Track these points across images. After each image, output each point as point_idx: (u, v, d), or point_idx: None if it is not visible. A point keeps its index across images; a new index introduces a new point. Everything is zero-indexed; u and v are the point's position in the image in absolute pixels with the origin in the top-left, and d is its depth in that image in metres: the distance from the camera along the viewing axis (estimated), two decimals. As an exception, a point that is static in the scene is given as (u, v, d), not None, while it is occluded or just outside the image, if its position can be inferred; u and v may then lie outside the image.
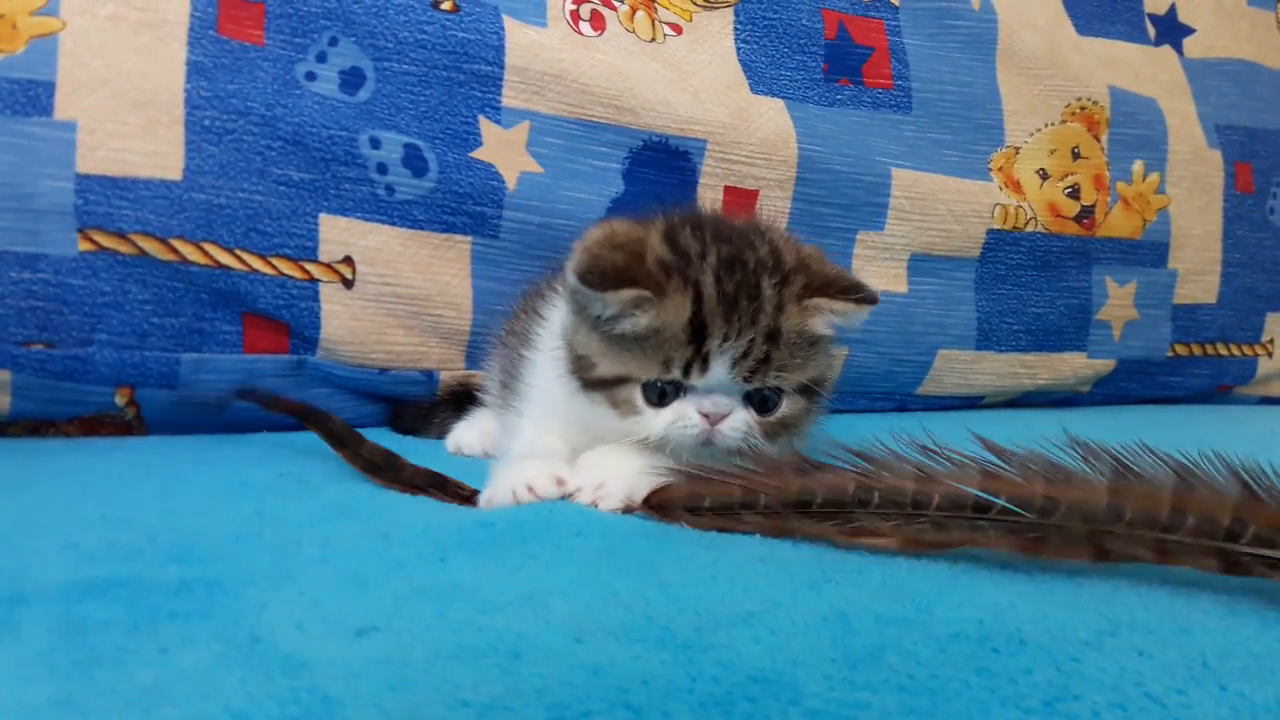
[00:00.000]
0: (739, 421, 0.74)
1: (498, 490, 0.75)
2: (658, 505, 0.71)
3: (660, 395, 0.74)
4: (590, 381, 0.76)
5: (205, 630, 0.48)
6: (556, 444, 0.81)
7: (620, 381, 0.75)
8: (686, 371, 0.72)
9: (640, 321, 0.72)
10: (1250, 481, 0.54)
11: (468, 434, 1.06)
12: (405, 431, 1.19)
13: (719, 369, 0.72)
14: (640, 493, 0.73)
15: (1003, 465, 0.60)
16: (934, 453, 0.63)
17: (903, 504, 0.61)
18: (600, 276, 0.71)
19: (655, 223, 0.79)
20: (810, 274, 0.75)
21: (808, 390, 0.76)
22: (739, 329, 0.72)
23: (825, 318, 0.75)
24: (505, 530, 0.66)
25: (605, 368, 0.75)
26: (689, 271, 0.73)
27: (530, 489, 0.74)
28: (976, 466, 0.61)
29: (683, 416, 0.74)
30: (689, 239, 0.76)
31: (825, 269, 0.77)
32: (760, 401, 0.75)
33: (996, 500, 0.59)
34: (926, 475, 0.62)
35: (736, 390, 0.74)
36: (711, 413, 0.73)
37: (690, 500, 0.70)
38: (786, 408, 0.76)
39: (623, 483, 0.73)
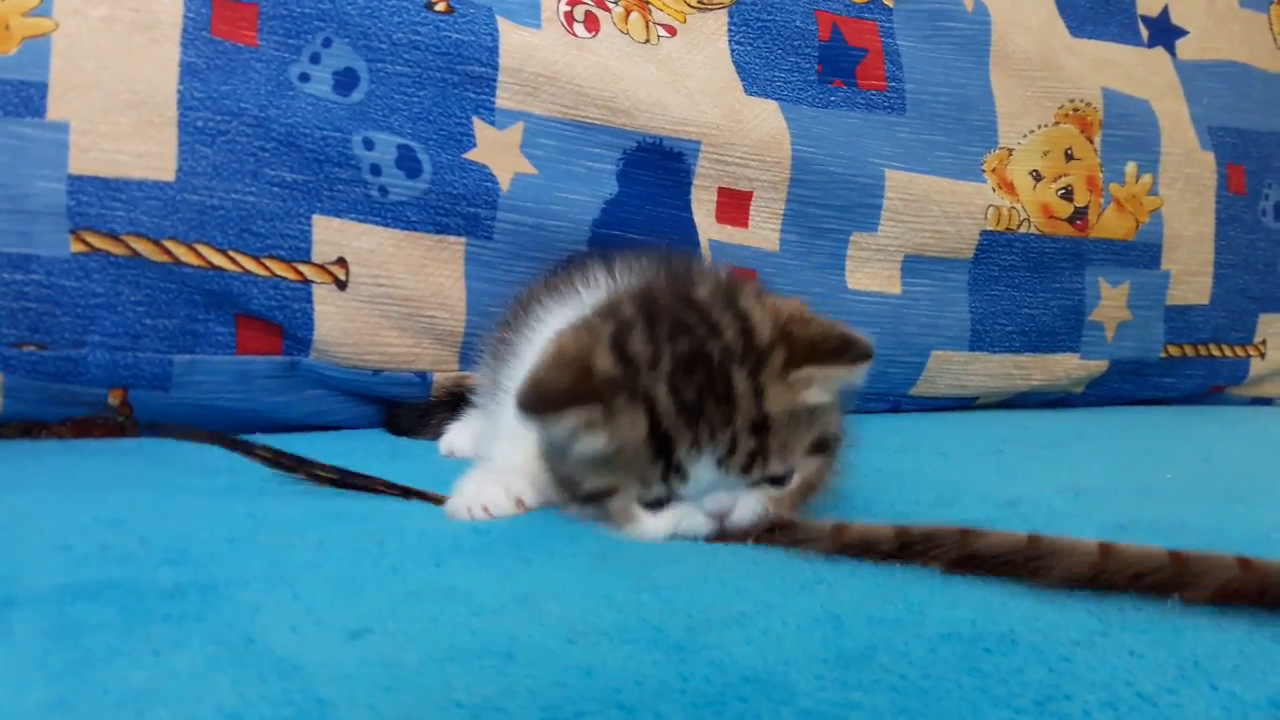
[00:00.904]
0: (747, 510, 0.68)
1: (456, 505, 0.73)
2: None
3: (657, 501, 0.68)
4: (581, 497, 0.70)
5: (198, 632, 0.48)
6: (533, 457, 0.76)
7: (610, 493, 0.68)
8: (666, 485, 0.66)
9: (596, 444, 0.66)
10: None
11: (460, 436, 1.06)
12: (401, 433, 1.19)
13: (702, 473, 0.66)
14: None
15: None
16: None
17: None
18: (539, 401, 0.66)
19: (606, 326, 0.70)
20: (791, 343, 0.68)
21: (820, 447, 0.70)
22: (711, 431, 0.65)
23: (818, 387, 0.68)
24: (499, 536, 0.66)
25: (590, 483, 0.69)
26: (638, 383, 0.66)
27: (485, 509, 0.72)
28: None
29: (686, 518, 0.68)
30: (639, 343, 0.68)
31: (809, 332, 0.69)
32: (772, 480, 0.68)
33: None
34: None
35: (737, 484, 0.67)
36: (714, 512, 0.68)
37: None
38: (801, 474, 0.69)
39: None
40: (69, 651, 0.46)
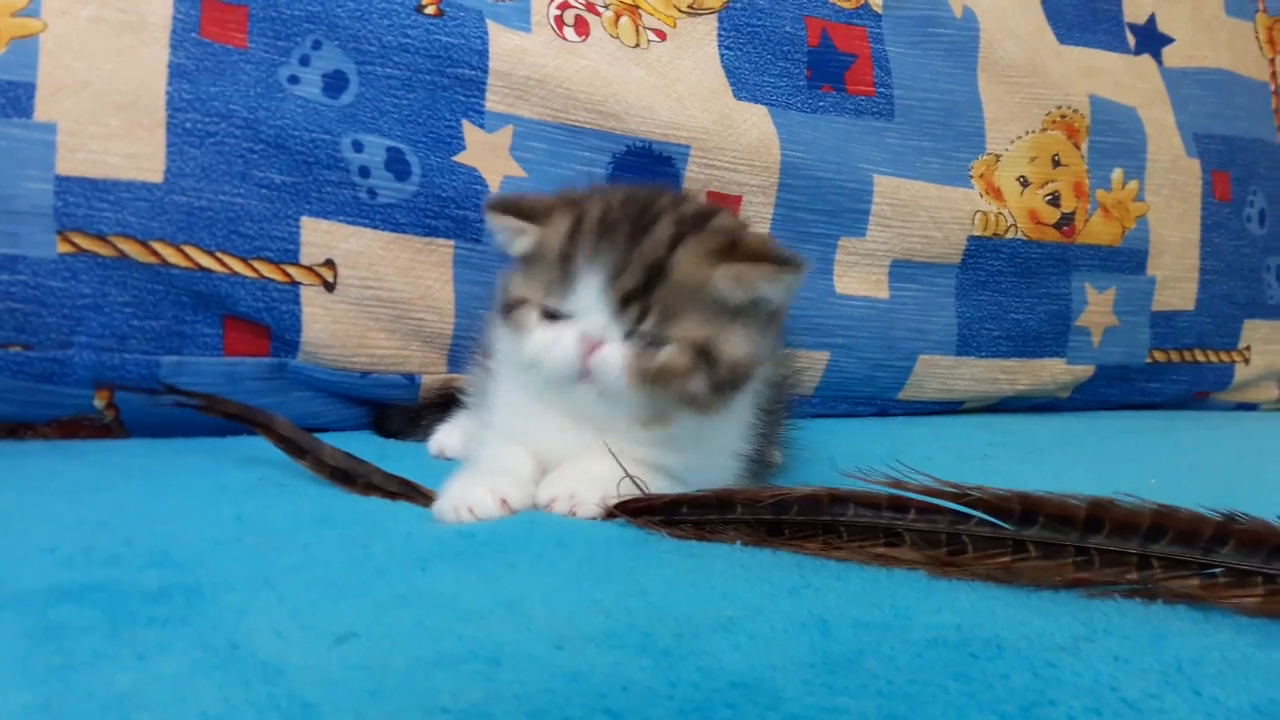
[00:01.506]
0: (614, 355, 0.71)
1: (444, 508, 0.73)
2: (634, 512, 0.71)
3: (550, 315, 0.74)
4: (504, 309, 0.78)
5: (183, 636, 0.48)
6: (520, 458, 0.79)
7: (520, 303, 0.76)
8: (560, 291, 0.72)
9: (526, 243, 0.77)
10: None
11: (450, 436, 1.06)
12: (390, 435, 1.19)
13: (588, 287, 0.71)
14: (615, 497, 0.72)
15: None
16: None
17: (879, 509, 0.62)
18: (492, 202, 0.79)
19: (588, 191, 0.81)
20: (729, 236, 0.73)
21: (704, 354, 0.72)
22: (610, 249, 0.71)
23: (736, 284, 0.72)
24: (486, 540, 0.66)
25: (512, 293, 0.77)
26: (580, 203, 0.76)
27: (471, 511, 0.72)
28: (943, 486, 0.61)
29: (560, 338, 0.72)
30: (599, 192, 0.78)
31: (751, 240, 0.75)
32: (648, 343, 0.72)
33: (973, 512, 0.60)
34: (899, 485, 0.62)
35: (615, 321, 0.71)
36: (585, 334, 0.71)
37: (668, 508, 0.70)
38: (670, 356, 0.72)
39: (596, 488, 0.73)
40: (52, 654, 0.46)
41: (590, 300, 0.71)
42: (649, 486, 0.73)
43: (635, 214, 0.74)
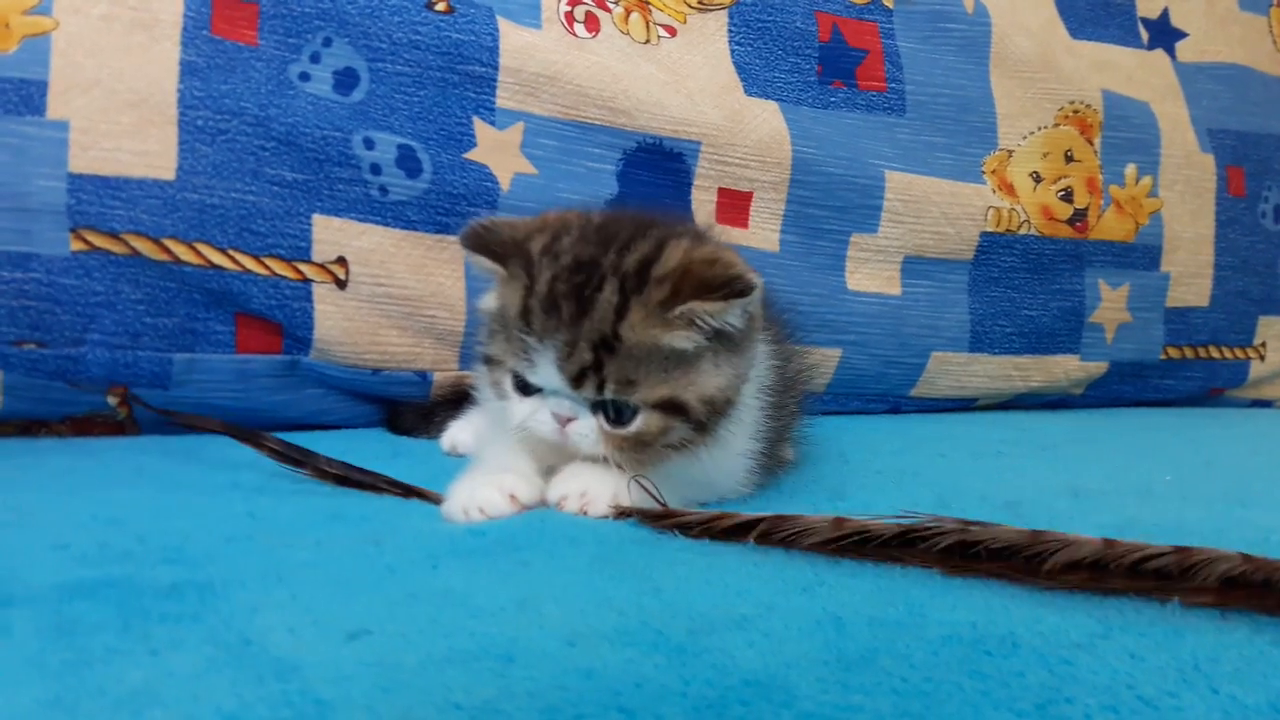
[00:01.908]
0: (586, 429, 0.72)
1: (452, 508, 0.73)
2: (677, 526, 0.70)
3: (525, 387, 0.73)
4: (483, 359, 0.78)
5: (196, 632, 0.48)
6: (523, 458, 0.78)
7: (497, 362, 0.75)
8: (523, 368, 0.72)
9: (491, 302, 0.76)
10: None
11: (462, 433, 1.06)
12: (403, 432, 1.19)
13: (544, 369, 0.71)
14: (625, 498, 0.72)
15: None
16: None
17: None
18: (466, 237, 0.76)
19: (553, 226, 0.77)
20: (674, 282, 0.70)
21: (675, 408, 0.71)
22: (556, 328, 0.70)
23: (688, 330, 0.70)
24: (497, 539, 0.66)
25: (488, 347, 0.76)
26: (532, 261, 0.72)
27: (481, 510, 0.72)
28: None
29: (538, 411, 0.73)
30: (560, 239, 0.74)
31: (697, 274, 0.70)
32: (616, 413, 0.72)
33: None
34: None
35: (575, 399, 0.71)
36: (556, 414, 0.72)
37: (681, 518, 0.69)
38: (642, 423, 0.71)
39: (607, 486, 0.73)
40: (66, 650, 0.46)
41: (550, 378, 0.71)
42: (660, 490, 0.72)
43: (580, 283, 0.70)
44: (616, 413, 0.71)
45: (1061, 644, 0.48)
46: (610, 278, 0.71)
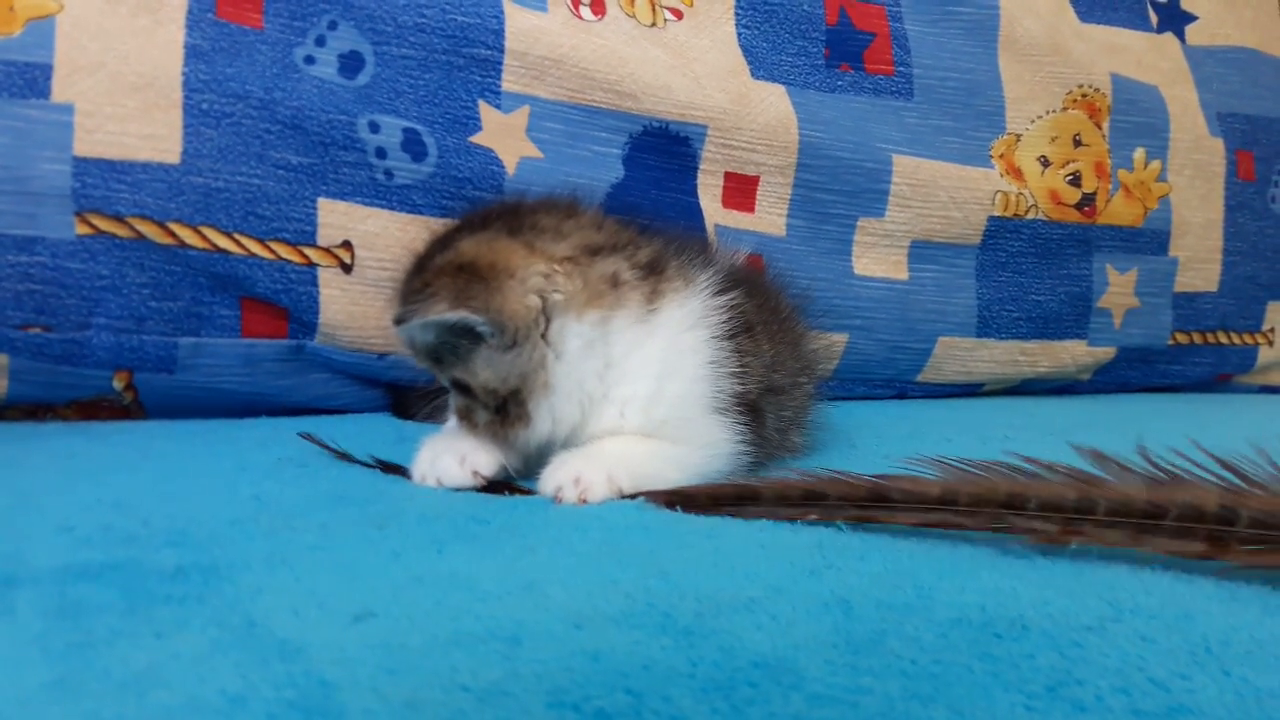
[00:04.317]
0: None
1: (415, 470, 0.79)
2: (682, 501, 0.70)
3: None
4: None
5: (200, 614, 0.48)
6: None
7: None
8: None
9: None
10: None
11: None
12: (408, 417, 1.19)
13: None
14: (622, 477, 0.73)
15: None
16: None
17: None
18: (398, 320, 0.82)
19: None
20: (417, 280, 0.78)
21: (466, 390, 0.78)
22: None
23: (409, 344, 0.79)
24: (501, 526, 0.66)
25: None
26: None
27: (439, 480, 0.77)
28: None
29: None
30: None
31: (421, 282, 0.77)
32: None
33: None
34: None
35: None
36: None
37: (713, 497, 0.69)
38: (454, 401, 0.80)
39: (600, 469, 0.73)
40: (70, 632, 0.45)
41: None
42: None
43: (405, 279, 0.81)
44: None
45: (1072, 626, 0.48)
46: (412, 267, 0.81)
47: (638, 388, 0.79)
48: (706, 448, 0.80)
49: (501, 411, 0.76)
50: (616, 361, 0.78)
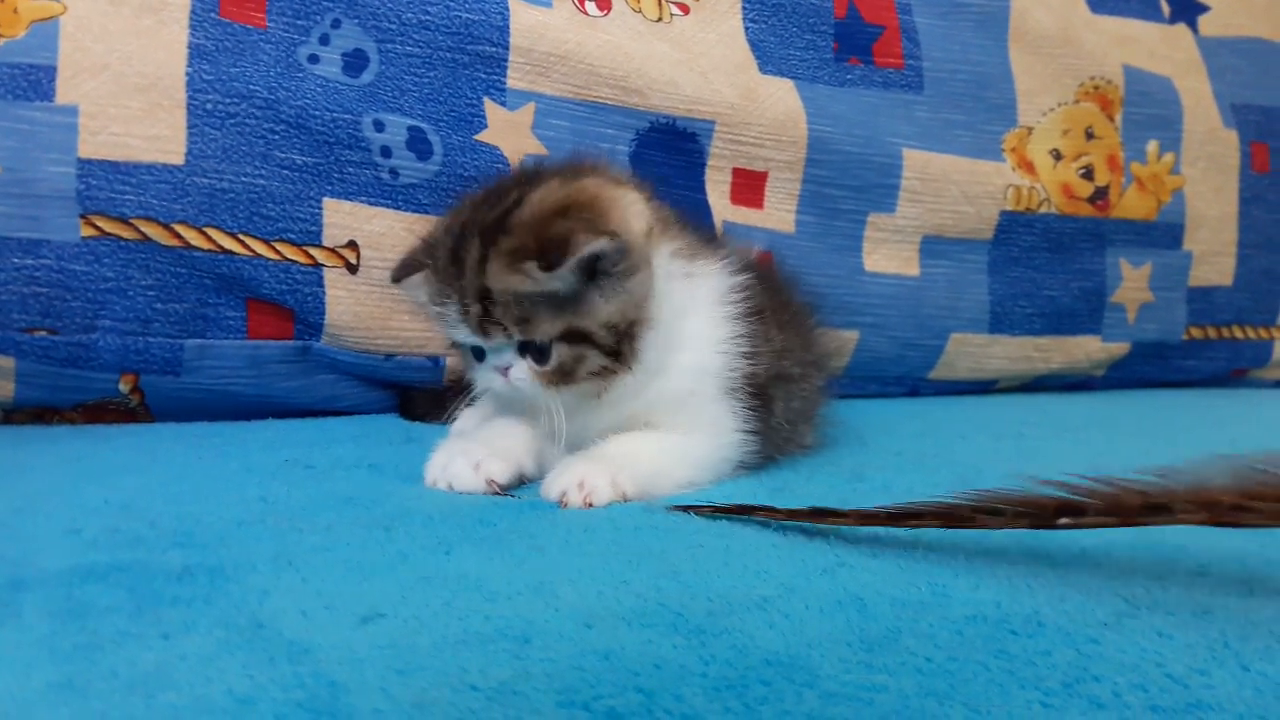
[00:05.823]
0: (520, 371, 0.77)
1: (427, 474, 0.78)
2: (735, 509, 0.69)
3: (479, 354, 0.80)
4: (449, 345, 0.86)
5: (207, 616, 0.48)
6: (513, 429, 0.82)
7: (452, 342, 0.82)
8: (456, 332, 0.78)
9: (422, 294, 0.80)
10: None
11: (473, 420, 1.05)
12: (416, 418, 1.18)
13: (459, 328, 0.77)
14: (627, 482, 0.72)
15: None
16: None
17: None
18: (395, 276, 0.84)
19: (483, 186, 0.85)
20: (526, 234, 0.74)
21: (581, 337, 0.76)
22: (446, 291, 0.77)
23: (551, 275, 0.73)
24: (509, 527, 0.65)
25: (446, 333, 0.82)
26: (433, 248, 0.80)
27: (450, 485, 0.76)
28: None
29: (488, 370, 0.79)
30: (462, 205, 0.83)
31: (543, 232, 0.74)
32: (538, 353, 0.76)
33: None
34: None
35: (501, 346, 0.77)
36: (497, 365, 0.78)
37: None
38: (558, 356, 0.76)
39: (604, 473, 0.73)
40: (78, 634, 0.45)
41: (465, 334, 0.78)
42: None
43: (455, 246, 0.77)
44: (539, 353, 0.76)
45: (1087, 623, 0.47)
46: (474, 235, 0.76)
47: (681, 358, 0.80)
48: (715, 436, 0.80)
49: (614, 355, 0.77)
50: (679, 312, 0.80)
